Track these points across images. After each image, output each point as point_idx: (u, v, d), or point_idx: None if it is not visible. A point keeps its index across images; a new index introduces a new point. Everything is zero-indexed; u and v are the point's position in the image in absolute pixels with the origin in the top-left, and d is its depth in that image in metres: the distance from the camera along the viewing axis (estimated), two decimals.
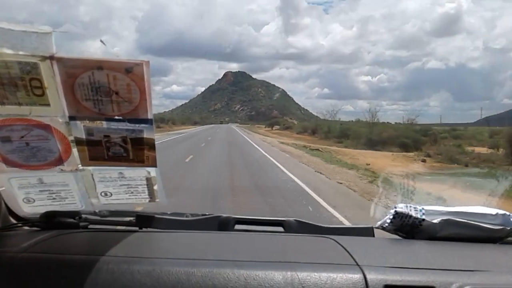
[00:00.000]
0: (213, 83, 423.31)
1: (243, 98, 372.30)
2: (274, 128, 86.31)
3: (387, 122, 45.02)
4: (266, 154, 17.33)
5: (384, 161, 18.22)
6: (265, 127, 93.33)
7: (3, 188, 0.94)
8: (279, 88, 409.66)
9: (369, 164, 14.62)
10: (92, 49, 0.84)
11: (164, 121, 73.18)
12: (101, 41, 0.80)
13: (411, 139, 29.74)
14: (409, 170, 14.18)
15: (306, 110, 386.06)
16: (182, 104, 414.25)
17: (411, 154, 23.76)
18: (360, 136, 33.86)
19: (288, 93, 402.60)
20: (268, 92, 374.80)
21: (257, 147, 22.98)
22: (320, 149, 21.83)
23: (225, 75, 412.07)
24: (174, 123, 79.20)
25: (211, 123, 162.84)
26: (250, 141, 30.66)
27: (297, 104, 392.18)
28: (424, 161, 18.70)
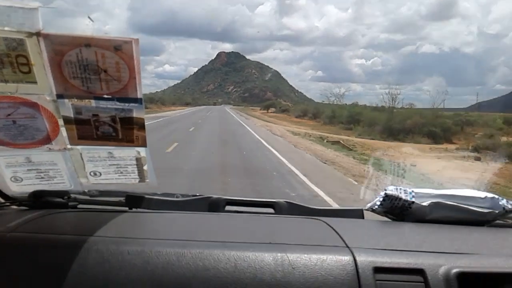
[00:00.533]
0: (206, 63, 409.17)
1: (236, 79, 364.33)
2: (270, 111, 79.92)
3: (409, 107, 37.57)
4: (284, 160, 9.60)
5: (430, 160, 12.37)
6: (260, 109, 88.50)
7: None
8: (273, 69, 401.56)
9: (415, 165, 9.69)
10: (82, 26, 0.82)
11: (153, 101, 66.25)
12: (88, 17, 0.78)
13: (439, 128, 24.32)
14: None
15: (300, 92, 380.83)
16: (174, 85, 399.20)
17: (445, 146, 18.76)
18: (375, 122, 27.82)
19: (282, 75, 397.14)
20: (261, 74, 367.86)
21: (262, 141, 14.81)
22: (342, 141, 16.73)
23: (219, 55, 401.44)
24: (164, 104, 73.63)
25: (203, 104, 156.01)
26: (250, 130, 21.17)
27: (291, 86, 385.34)
28: (478, 159, 12.74)
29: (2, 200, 1.02)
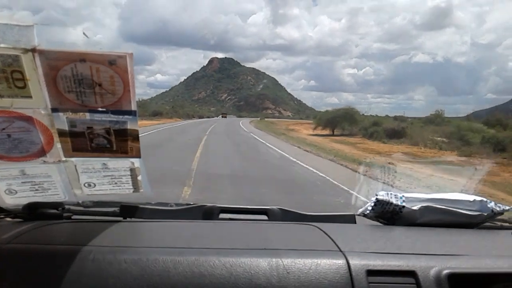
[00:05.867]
0: (198, 69, 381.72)
1: (230, 86, 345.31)
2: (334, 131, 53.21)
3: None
4: None
5: None
6: (314, 128, 40.61)
7: None
8: (270, 76, 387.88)
9: None
10: (73, 36, 0.83)
11: None
12: (83, 33, 0.79)
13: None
14: None
15: (299, 101, 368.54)
16: (163, 92, 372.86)
17: None
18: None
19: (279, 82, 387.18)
20: (258, 81, 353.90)
21: None
22: None
23: (211, 61, 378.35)
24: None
25: (199, 117, 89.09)
26: None
27: (290, 94, 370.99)
28: None
29: None
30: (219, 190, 6.37)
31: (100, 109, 0.82)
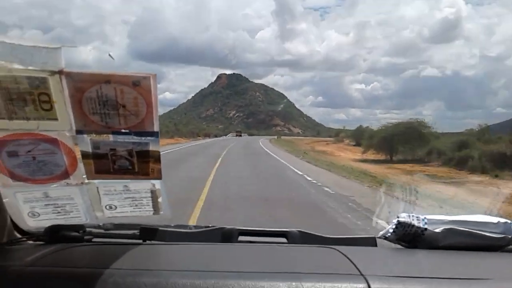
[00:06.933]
0: (206, 86, 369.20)
1: (238, 103, 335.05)
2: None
3: None
4: None
5: None
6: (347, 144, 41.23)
7: (7, 200, 0.94)
8: (280, 92, 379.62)
9: None
10: (84, 54, 0.83)
11: None
12: (109, 55, 0.80)
13: None
14: None
15: (309, 117, 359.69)
16: (169, 111, 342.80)
17: None
18: None
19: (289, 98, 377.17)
20: (267, 97, 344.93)
21: None
22: None
23: (219, 77, 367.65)
24: None
25: (205, 136, 74.26)
26: None
27: (299, 110, 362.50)
28: None
29: (19, 235, 1.03)
30: None
31: (123, 130, 0.82)
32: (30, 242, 1.03)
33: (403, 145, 22.97)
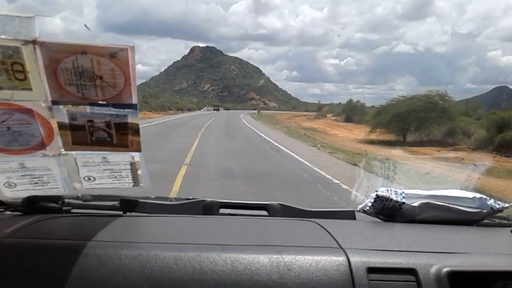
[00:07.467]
0: (179, 59, 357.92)
1: (213, 76, 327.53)
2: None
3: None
4: None
5: None
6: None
7: None
8: (255, 66, 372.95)
9: None
10: (51, 26, 0.81)
11: None
12: (85, 25, 0.78)
13: None
14: None
15: (284, 91, 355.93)
16: (142, 83, 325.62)
17: None
18: None
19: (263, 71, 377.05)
20: (242, 71, 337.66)
21: None
22: None
23: (192, 50, 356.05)
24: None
25: (178, 109, 67.89)
26: None
27: (274, 84, 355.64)
28: None
29: None
30: None
31: (100, 102, 0.82)
32: (8, 213, 1.01)
33: (421, 123, 19.21)
